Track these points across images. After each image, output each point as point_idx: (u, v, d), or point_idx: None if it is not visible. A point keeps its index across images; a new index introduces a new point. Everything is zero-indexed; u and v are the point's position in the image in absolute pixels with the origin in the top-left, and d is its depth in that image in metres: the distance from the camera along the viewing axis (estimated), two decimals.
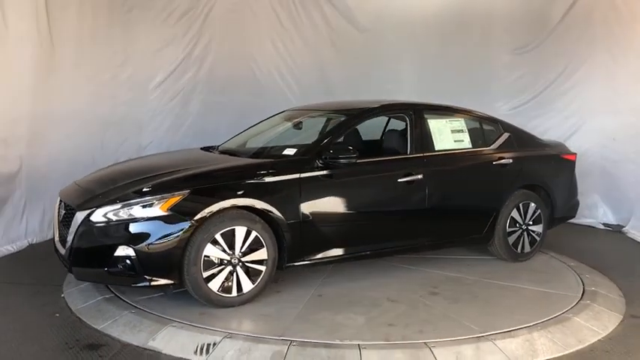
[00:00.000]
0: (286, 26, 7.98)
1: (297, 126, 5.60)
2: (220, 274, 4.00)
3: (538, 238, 5.48)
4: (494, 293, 4.55)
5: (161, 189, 3.98)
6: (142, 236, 3.86)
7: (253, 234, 4.08)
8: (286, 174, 4.30)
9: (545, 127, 7.35)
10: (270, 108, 6.97)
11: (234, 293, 4.07)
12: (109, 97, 6.96)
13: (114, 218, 3.89)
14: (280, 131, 5.61)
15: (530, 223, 5.40)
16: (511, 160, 5.29)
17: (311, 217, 4.31)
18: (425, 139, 4.97)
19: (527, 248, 5.43)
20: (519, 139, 5.56)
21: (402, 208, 4.81)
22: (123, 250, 3.85)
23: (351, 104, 5.55)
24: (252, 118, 6.94)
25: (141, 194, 3.96)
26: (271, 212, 4.15)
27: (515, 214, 5.31)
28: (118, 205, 3.91)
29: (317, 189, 4.38)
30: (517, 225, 5.33)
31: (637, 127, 6.60)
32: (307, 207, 4.29)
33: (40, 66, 5.78)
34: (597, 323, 4.08)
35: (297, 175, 4.31)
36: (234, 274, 4.05)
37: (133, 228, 3.88)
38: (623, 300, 4.62)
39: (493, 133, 5.47)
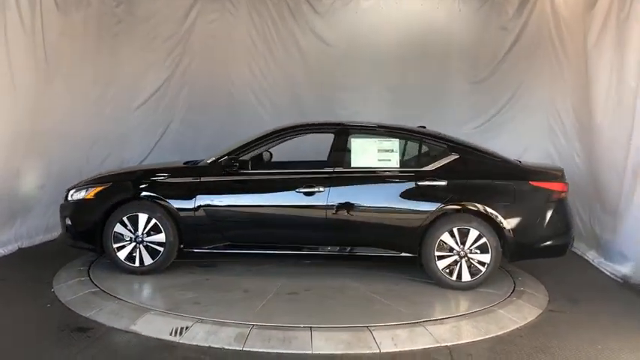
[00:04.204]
0: (261, 51, 8.52)
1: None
2: (127, 248, 5.26)
3: (483, 269, 5.15)
4: (342, 302, 4.80)
5: (96, 181, 5.54)
6: (77, 212, 5.45)
7: (153, 221, 5.22)
8: (188, 176, 5.40)
9: (498, 148, 8.04)
10: (246, 127, 7.61)
11: (137, 264, 5.28)
12: (95, 115, 7.57)
13: (73, 198, 5.47)
14: None
15: (477, 251, 5.12)
16: (445, 183, 5.21)
17: (205, 214, 5.25)
18: (339, 156, 5.39)
19: (467, 277, 5.15)
20: (472, 161, 5.37)
21: (299, 216, 5.32)
22: (67, 221, 5.47)
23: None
24: (228, 136, 7.55)
25: (86, 184, 5.53)
26: (168, 205, 5.25)
27: (447, 237, 5.14)
28: (74, 190, 5.50)
29: (213, 191, 5.32)
30: (452, 251, 5.15)
31: (569, 150, 7.39)
32: (202, 205, 5.25)
33: (36, 85, 6.33)
34: (518, 315, 4.74)
35: (197, 179, 5.34)
36: (138, 249, 5.24)
37: (73, 206, 5.46)
38: (547, 298, 5.28)
39: (436, 155, 5.44)
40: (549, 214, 5.23)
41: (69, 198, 5.52)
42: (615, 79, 6.03)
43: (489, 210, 5.15)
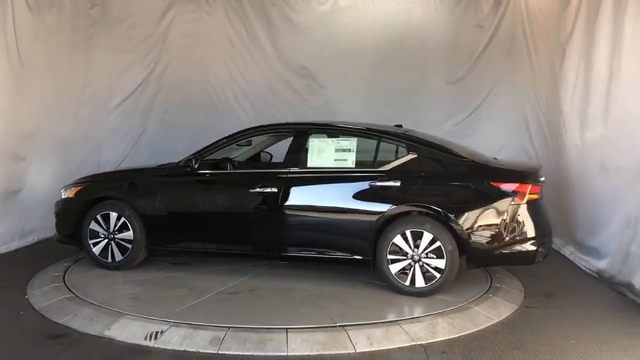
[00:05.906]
0: (239, 50, 8.50)
1: (248, 143, 6.26)
2: (100, 244, 5.56)
3: (438, 275, 4.87)
4: (272, 304, 4.74)
5: (77, 181, 5.91)
6: (61, 210, 5.82)
7: (122, 219, 5.48)
8: (153, 177, 5.68)
9: (475, 146, 8.10)
10: (225, 128, 7.55)
11: (110, 260, 5.56)
12: (71, 117, 7.48)
13: (62, 197, 5.84)
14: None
15: (433, 255, 4.85)
16: (398, 183, 5.01)
17: (165, 213, 5.47)
18: (295, 156, 5.31)
19: (421, 283, 4.89)
20: (429, 161, 5.11)
21: (253, 216, 5.32)
22: (55, 218, 5.83)
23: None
24: (207, 138, 7.49)
25: (71, 184, 5.87)
26: (135, 204, 5.48)
27: (399, 240, 4.90)
28: (63, 189, 5.86)
29: (172, 191, 5.53)
30: (406, 255, 4.90)
31: (544, 146, 7.46)
32: (163, 204, 5.47)
33: (11, 88, 6.25)
34: (494, 311, 4.77)
35: (160, 179, 5.61)
36: (110, 246, 5.52)
37: (60, 204, 5.85)
38: (523, 294, 5.31)
39: (395, 155, 5.28)
40: (513, 217, 4.82)
41: (61, 196, 5.87)
42: (582, 77, 6.15)
43: (442, 212, 4.88)
